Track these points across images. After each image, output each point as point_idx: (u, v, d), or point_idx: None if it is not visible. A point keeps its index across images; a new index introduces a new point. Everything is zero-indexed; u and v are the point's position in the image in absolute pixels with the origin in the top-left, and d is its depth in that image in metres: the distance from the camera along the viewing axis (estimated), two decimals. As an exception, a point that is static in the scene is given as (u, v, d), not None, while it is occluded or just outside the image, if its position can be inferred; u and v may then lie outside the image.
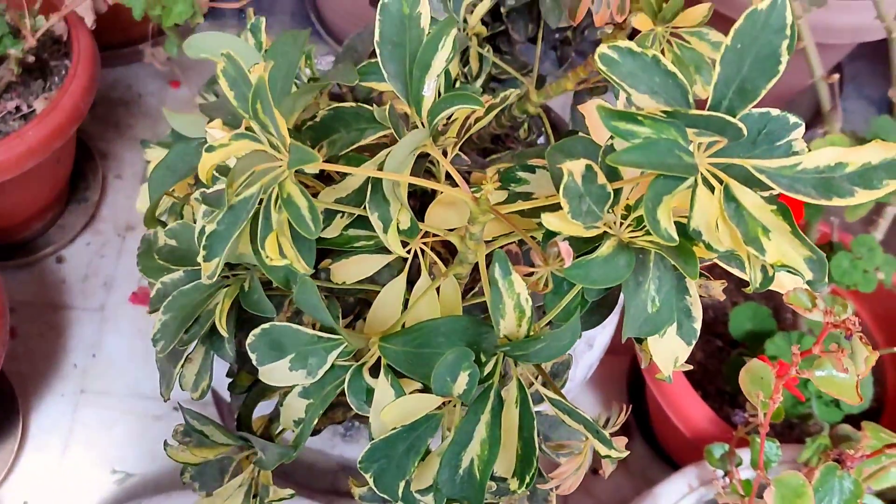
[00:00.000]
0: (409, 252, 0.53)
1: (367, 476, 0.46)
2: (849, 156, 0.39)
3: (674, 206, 0.39)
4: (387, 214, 0.47)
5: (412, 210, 0.49)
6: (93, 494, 1.05)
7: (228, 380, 0.63)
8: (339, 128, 0.53)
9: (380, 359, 0.48)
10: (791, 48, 0.38)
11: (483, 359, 0.46)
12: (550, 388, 0.49)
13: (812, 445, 0.81)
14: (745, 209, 0.39)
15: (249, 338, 0.49)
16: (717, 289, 0.58)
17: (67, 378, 1.13)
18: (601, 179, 0.41)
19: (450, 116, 0.59)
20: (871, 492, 0.73)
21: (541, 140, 0.84)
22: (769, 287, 0.42)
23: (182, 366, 0.56)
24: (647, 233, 0.43)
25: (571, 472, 0.55)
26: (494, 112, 0.63)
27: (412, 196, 0.63)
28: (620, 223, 0.44)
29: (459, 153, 0.63)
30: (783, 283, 0.47)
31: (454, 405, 0.47)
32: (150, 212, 0.58)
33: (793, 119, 0.42)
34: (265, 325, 0.49)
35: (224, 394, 0.70)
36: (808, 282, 0.40)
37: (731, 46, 0.38)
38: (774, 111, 0.42)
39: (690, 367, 0.53)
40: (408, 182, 0.46)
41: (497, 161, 0.76)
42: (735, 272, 0.45)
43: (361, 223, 0.51)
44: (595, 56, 0.39)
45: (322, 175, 0.58)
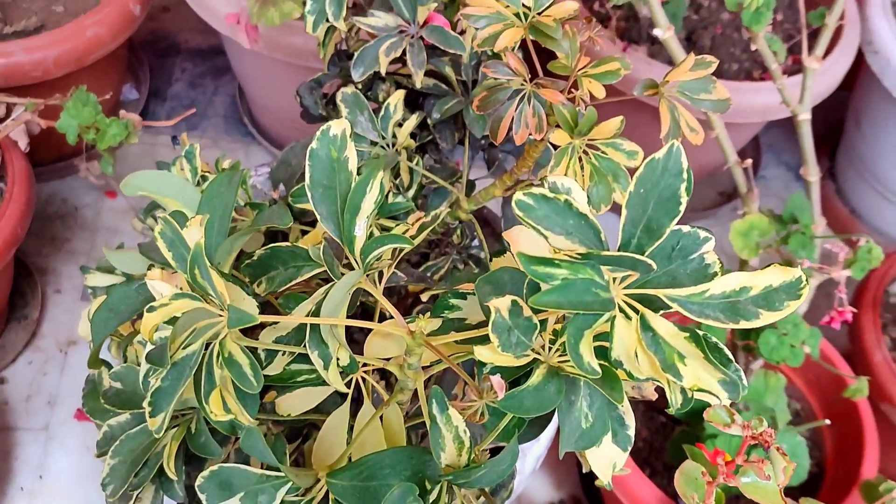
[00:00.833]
0: (350, 383, 0.54)
1: None
2: (752, 280, 0.42)
3: (597, 331, 0.42)
4: (326, 353, 0.49)
5: (349, 333, 0.51)
6: None
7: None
8: (277, 265, 0.55)
9: (328, 493, 0.50)
10: (689, 190, 0.41)
11: (428, 486, 0.48)
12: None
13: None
14: (661, 337, 0.41)
15: (199, 479, 0.50)
16: (649, 388, 0.61)
17: (14, 503, 1.11)
18: (527, 312, 0.44)
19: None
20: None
21: (475, 243, 0.87)
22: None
23: (132, 507, 0.56)
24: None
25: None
26: (428, 230, 0.65)
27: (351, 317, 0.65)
28: (549, 347, 0.46)
29: (395, 271, 0.65)
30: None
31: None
32: (94, 355, 0.58)
33: (703, 234, 0.45)
34: (213, 468, 0.49)
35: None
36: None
37: (635, 192, 0.41)
38: (685, 228, 0.44)
39: (628, 471, 0.55)
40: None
41: (432, 273, 0.79)
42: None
43: (303, 358, 0.53)
44: (513, 203, 0.42)
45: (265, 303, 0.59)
